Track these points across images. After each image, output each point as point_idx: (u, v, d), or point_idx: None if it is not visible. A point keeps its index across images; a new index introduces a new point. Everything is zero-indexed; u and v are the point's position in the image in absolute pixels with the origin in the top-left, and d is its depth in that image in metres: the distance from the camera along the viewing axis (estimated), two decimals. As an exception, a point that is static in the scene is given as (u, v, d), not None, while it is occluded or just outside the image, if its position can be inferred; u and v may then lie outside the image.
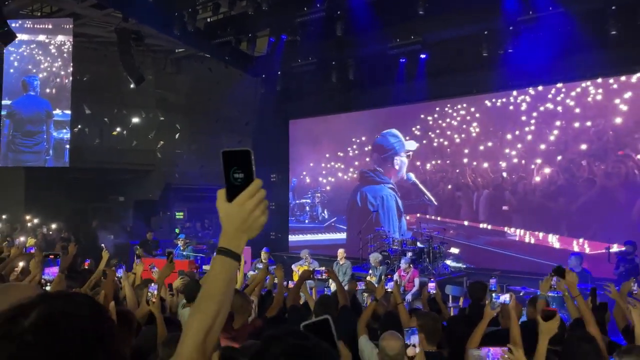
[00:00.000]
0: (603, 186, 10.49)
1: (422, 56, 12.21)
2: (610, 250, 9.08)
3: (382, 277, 7.79)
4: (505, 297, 3.91)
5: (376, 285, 5.81)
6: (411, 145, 13.60)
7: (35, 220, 15.50)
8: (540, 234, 11.24)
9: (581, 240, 10.53)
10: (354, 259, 11.76)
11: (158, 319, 3.44)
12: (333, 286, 7.57)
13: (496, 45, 10.80)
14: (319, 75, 13.68)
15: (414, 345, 2.72)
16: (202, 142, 20.75)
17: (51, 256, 3.41)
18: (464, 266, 11.81)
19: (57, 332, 0.96)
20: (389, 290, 4.96)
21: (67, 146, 16.70)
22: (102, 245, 6.57)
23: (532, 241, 11.34)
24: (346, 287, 6.76)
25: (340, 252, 10.58)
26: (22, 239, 10.61)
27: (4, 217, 15.33)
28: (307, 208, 15.96)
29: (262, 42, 14.56)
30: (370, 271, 10.03)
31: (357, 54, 12.81)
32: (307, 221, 15.89)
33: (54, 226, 14.51)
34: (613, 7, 9.36)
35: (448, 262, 11.76)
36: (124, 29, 13.77)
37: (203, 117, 20.04)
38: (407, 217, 13.53)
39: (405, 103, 13.36)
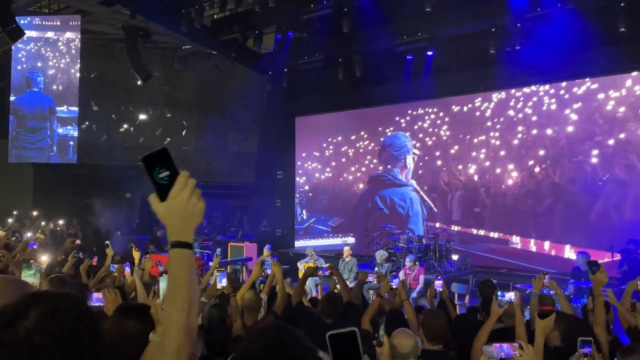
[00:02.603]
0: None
1: (429, 53, 12.18)
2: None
3: (387, 274, 7.78)
4: (510, 295, 3.90)
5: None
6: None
7: (43, 216, 15.58)
8: (540, 242, 11.22)
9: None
10: (360, 257, 11.75)
11: None
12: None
13: (504, 43, 10.73)
14: (325, 72, 13.67)
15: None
16: (208, 139, 20.78)
17: (32, 261, 2.82)
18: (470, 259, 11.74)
19: (63, 329, 0.96)
20: (394, 287, 4.95)
21: (71, 143, 16.71)
22: (107, 242, 6.59)
23: (534, 249, 11.31)
24: (351, 284, 6.76)
25: (346, 249, 10.57)
26: (29, 234, 10.67)
27: (14, 212, 15.43)
28: None
29: (268, 39, 14.56)
30: (376, 268, 10.01)
31: (363, 50, 12.77)
32: None
33: (61, 222, 14.58)
34: (622, 4, 9.29)
35: (455, 257, 11.72)
36: (132, 25, 13.82)
37: (210, 114, 20.06)
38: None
39: (412, 100, 13.33)
